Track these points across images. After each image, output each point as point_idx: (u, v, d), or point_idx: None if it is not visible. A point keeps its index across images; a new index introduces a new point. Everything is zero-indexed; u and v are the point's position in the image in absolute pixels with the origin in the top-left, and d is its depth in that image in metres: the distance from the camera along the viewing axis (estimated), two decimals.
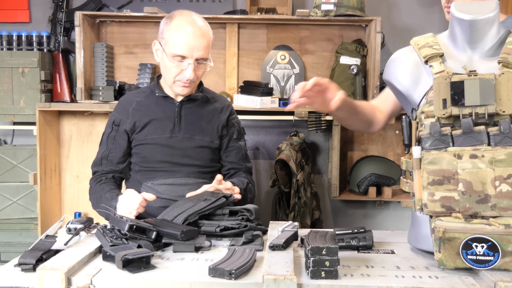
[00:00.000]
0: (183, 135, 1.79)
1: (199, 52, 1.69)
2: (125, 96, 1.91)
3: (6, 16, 3.26)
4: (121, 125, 1.81)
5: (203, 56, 1.71)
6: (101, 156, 1.83)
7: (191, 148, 1.79)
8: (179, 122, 1.80)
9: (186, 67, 1.70)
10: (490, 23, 1.26)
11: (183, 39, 1.67)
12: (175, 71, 1.72)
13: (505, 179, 1.12)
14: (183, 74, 1.71)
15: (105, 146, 1.83)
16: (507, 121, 1.16)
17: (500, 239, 1.09)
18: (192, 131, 1.80)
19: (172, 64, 1.70)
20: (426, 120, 1.21)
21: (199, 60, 1.72)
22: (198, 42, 1.68)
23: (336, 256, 1.09)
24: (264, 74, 3.21)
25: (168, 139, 1.78)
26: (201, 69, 1.75)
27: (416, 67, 1.32)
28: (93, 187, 1.80)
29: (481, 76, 1.18)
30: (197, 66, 1.72)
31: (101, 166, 1.82)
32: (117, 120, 1.83)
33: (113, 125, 1.83)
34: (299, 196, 2.95)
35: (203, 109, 1.84)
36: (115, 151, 1.81)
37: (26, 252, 1.20)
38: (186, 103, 1.82)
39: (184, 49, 1.68)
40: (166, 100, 1.82)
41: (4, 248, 3.09)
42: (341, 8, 2.91)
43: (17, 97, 3.02)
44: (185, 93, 1.79)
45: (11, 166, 3.13)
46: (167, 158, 1.77)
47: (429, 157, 1.16)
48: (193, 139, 1.80)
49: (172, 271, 1.16)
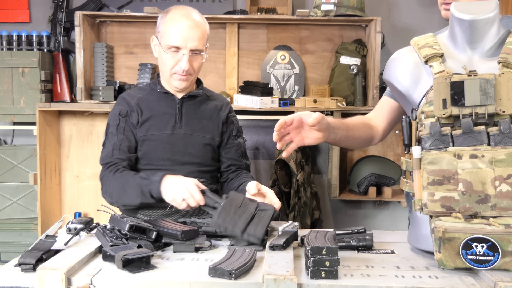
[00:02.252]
0: (184, 132, 1.79)
1: (193, 42, 1.71)
2: (125, 92, 1.89)
3: (6, 16, 3.26)
4: (128, 116, 1.77)
5: (198, 47, 1.73)
6: (112, 148, 1.73)
7: (192, 145, 1.78)
8: (180, 119, 1.79)
9: (181, 58, 1.71)
10: (490, 23, 1.26)
11: (177, 30, 1.70)
12: (171, 63, 1.73)
13: (505, 179, 1.12)
14: (179, 65, 1.72)
15: (115, 138, 1.75)
16: (507, 121, 1.16)
17: (500, 239, 1.09)
18: (193, 128, 1.80)
19: (168, 56, 1.72)
20: (426, 120, 1.21)
21: (194, 51, 1.73)
22: (192, 33, 1.70)
23: (336, 256, 1.09)
24: (264, 74, 3.21)
25: (170, 136, 1.77)
26: (196, 61, 1.76)
27: (416, 67, 1.32)
28: (109, 177, 1.68)
29: (481, 76, 1.18)
30: (192, 57, 1.73)
31: (114, 156, 1.72)
32: (123, 111, 1.78)
33: (120, 116, 1.78)
34: (299, 196, 2.95)
35: (203, 107, 1.85)
36: (127, 141, 1.75)
37: (26, 252, 1.20)
38: (187, 100, 1.82)
39: (178, 40, 1.70)
40: (167, 97, 1.82)
41: (4, 248, 3.09)
42: (341, 8, 2.92)
43: (17, 97, 3.02)
44: (183, 87, 1.78)
45: (11, 166, 3.13)
46: (168, 156, 1.76)
47: (429, 157, 1.16)
48: (194, 136, 1.80)
49: (172, 271, 1.16)
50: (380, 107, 1.68)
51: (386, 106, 1.66)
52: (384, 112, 1.65)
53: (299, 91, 3.22)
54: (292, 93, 3.23)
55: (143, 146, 1.77)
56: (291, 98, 3.15)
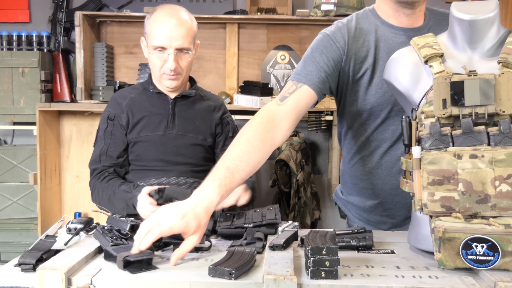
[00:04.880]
0: (176, 133, 1.78)
1: (177, 41, 1.70)
2: (118, 92, 1.89)
3: (6, 16, 3.27)
4: (116, 119, 1.78)
5: (183, 45, 1.71)
6: (99, 153, 1.77)
7: (184, 146, 1.78)
8: (172, 119, 1.79)
9: (167, 58, 1.71)
10: (490, 23, 1.26)
11: (161, 30, 1.69)
12: (159, 64, 1.73)
13: (505, 179, 1.12)
14: (166, 65, 1.72)
15: (102, 142, 1.78)
16: (507, 121, 1.16)
17: (500, 239, 1.09)
18: (186, 129, 1.79)
19: (155, 57, 1.72)
20: (426, 120, 1.21)
21: (180, 50, 1.72)
22: (175, 32, 1.69)
23: (336, 256, 1.09)
24: (264, 74, 3.21)
25: (162, 137, 1.77)
26: (184, 60, 1.75)
27: (416, 67, 1.32)
28: (97, 185, 1.73)
29: (481, 76, 1.18)
30: (179, 56, 1.72)
31: (101, 163, 1.77)
32: (111, 114, 1.80)
33: (108, 120, 1.79)
34: (299, 196, 2.95)
35: (196, 107, 1.84)
36: (114, 146, 1.77)
37: (26, 252, 1.20)
38: (180, 100, 1.81)
39: (163, 40, 1.69)
40: (160, 97, 1.81)
41: (4, 248, 3.10)
42: (341, 8, 2.92)
43: (17, 97, 3.02)
44: (173, 86, 1.77)
45: (11, 166, 3.13)
46: (160, 156, 1.76)
47: (429, 157, 1.16)
48: (186, 137, 1.79)
49: (172, 271, 1.16)
50: (296, 101, 1.42)
51: (303, 101, 1.43)
52: (298, 109, 1.42)
53: None
54: None
55: (135, 147, 1.77)
56: None
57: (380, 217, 1.65)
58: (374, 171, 1.59)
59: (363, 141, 1.59)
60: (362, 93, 1.52)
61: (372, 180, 1.60)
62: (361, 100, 1.53)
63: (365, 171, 1.61)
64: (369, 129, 1.56)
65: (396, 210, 1.60)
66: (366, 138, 1.58)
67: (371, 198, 1.63)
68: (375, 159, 1.58)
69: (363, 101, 1.52)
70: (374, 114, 1.54)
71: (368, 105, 1.52)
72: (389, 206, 1.61)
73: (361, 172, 1.62)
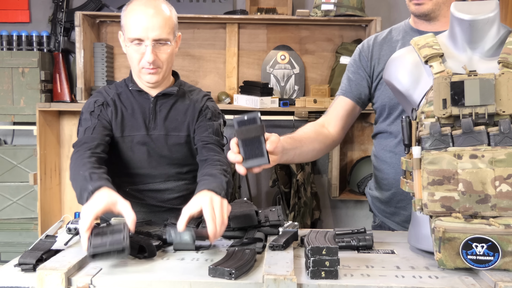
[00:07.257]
0: (158, 133, 1.69)
1: (154, 32, 1.58)
2: (101, 88, 1.79)
3: (6, 16, 3.27)
4: (104, 106, 1.67)
5: (161, 36, 1.60)
6: (84, 130, 1.63)
7: (168, 147, 1.69)
8: (154, 118, 1.69)
9: (145, 50, 1.60)
10: (490, 23, 1.26)
11: (137, 21, 1.59)
12: (136, 57, 1.62)
13: (505, 179, 1.12)
14: (144, 58, 1.61)
15: (89, 122, 1.65)
16: (507, 121, 1.16)
17: (500, 239, 1.09)
18: (168, 128, 1.70)
19: (132, 50, 1.62)
20: (426, 120, 1.21)
21: (158, 41, 1.61)
22: (152, 22, 1.58)
23: (336, 256, 1.09)
24: (264, 74, 3.21)
25: (144, 137, 1.68)
26: (163, 52, 1.63)
27: (416, 67, 1.32)
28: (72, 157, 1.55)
29: (481, 76, 1.18)
30: (157, 48, 1.61)
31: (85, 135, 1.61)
32: (99, 101, 1.69)
33: (95, 104, 1.67)
34: (299, 196, 2.95)
35: (179, 104, 1.73)
36: (101, 125, 1.64)
37: (26, 252, 1.20)
38: (161, 98, 1.71)
39: (139, 31, 1.58)
40: (141, 95, 1.71)
41: (4, 248, 3.10)
42: (341, 8, 2.92)
43: (17, 97, 3.02)
44: (154, 81, 1.66)
45: (11, 166, 3.14)
46: (145, 157, 1.68)
47: (429, 157, 1.16)
48: (170, 136, 1.69)
49: (172, 271, 1.16)
50: (334, 110, 1.69)
51: (340, 108, 1.68)
52: (339, 115, 1.67)
53: (299, 91, 3.22)
54: (292, 93, 3.23)
55: (117, 148, 1.68)
56: (291, 98, 3.16)
57: (394, 209, 1.69)
58: (390, 160, 1.67)
59: (381, 131, 1.72)
60: (384, 90, 1.65)
61: (387, 169, 1.69)
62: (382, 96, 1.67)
63: (382, 160, 1.71)
64: (388, 121, 1.68)
65: (407, 202, 1.62)
66: (384, 129, 1.70)
67: (386, 189, 1.70)
68: (390, 148, 1.67)
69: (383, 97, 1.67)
70: (393, 108, 1.65)
71: (386, 99, 1.66)
72: (401, 198, 1.65)
73: (380, 160, 1.72)
